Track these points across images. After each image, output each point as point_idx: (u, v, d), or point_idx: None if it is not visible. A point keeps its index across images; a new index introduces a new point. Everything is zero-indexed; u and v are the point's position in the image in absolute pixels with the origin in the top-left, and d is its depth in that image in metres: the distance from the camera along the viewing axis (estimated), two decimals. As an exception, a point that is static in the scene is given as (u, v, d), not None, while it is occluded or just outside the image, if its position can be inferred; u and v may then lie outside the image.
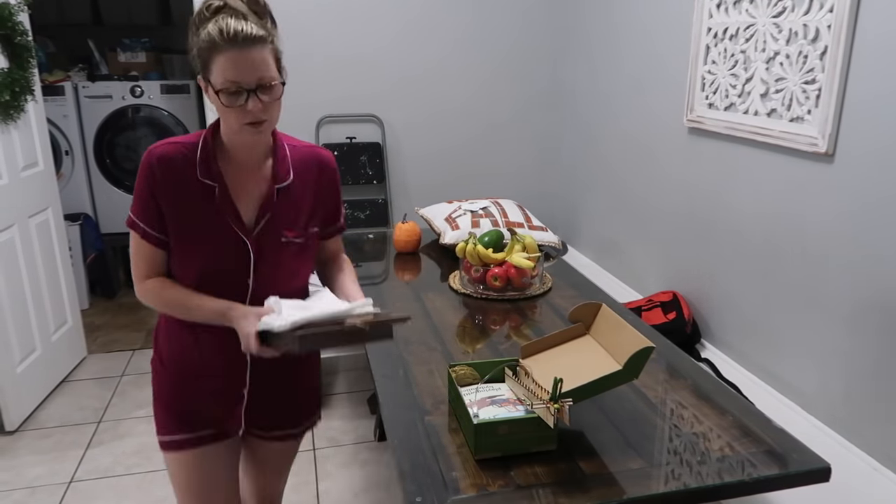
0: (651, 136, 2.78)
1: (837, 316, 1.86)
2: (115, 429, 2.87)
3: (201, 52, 1.28)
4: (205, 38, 1.26)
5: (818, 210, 1.91)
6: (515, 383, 1.43)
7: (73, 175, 4.08)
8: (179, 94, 4.17)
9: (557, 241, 2.68)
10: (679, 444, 1.37)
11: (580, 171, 3.52)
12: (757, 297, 2.18)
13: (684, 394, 1.56)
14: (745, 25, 2.15)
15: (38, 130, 3.08)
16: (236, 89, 1.26)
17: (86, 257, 4.08)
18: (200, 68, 1.31)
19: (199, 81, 1.33)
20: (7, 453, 2.70)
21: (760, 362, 2.18)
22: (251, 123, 1.30)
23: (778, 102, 2.02)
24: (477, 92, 3.57)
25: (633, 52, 2.88)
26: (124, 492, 2.47)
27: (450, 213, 2.70)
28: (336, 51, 3.36)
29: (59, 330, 3.24)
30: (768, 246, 2.11)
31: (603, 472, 1.27)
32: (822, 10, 1.83)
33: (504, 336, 1.91)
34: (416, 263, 2.57)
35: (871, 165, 1.72)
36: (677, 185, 2.60)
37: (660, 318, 2.47)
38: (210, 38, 1.25)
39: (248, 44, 1.24)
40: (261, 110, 1.28)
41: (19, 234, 2.90)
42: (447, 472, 1.27)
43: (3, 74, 2.76)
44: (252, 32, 1.25)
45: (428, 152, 3.61)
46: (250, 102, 1.27)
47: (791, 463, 1.29)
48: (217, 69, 1.26)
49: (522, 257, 2.18)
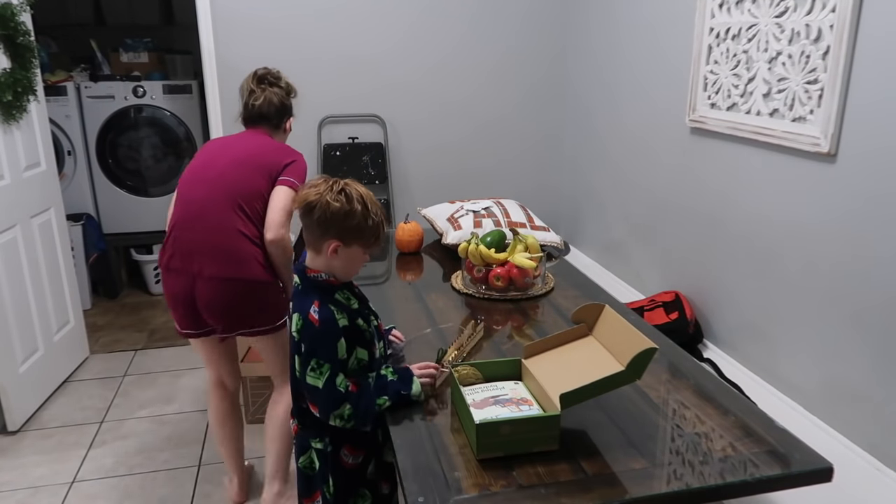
0: (653, 135, 2.77)
1: (840, 316, 1.86)
2: (117, 429, 2.88)
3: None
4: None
5: (820, 210, 1.90)
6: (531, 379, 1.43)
7: (76, 175, 4.09)
8: (182, 95, 4.17)
9: (560, 241, 2.68)
10: (681, 444, 1.37)
11: (582, 172, 3.51)
12: (759, 298, 2.18)
13: (686, 394, 1.56)
14: (747, 25, 2.14)
15: (40, 130, 3.08)
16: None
17: (88, 257, 4.09)
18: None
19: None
20: (10, 453, 2.71)
21: (762, 362, 2.18)
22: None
23: (780, 102, 2.02)
24: (479, 92, 3.57)
25: (636, 52, 2.88)
26: (127, 492, 2.48)
27: (452, 213, 2.70)
28: (338, 51, 3.37)
29: (62, 330, 3.24)
30: (770, 246, 2.11)
31: (605, 473, 1.27)
32: (824, 10, 1.83)
33: (507, 336, 1.91)
34: (418, 263, 2.57)
35: (873, 165, 1.72)
36: (679, 185, 2.60)
37: (662, 319, 2.47)
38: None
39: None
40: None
41: (22, 234, 2.91)
42: (449, 472, 1.27)
43: (6, 74, 2.77)
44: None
45: (430, 152, 3.62)
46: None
47: (793, 463, 1.29)
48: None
49: (525, 257, 2.18)
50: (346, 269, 1.50)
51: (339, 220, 1.42)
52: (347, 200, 1.42)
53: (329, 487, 1.56)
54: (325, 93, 3.35)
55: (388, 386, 1.48)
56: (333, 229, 1.44)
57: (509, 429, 1.29)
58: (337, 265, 1.48)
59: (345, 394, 1.44)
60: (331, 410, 1.44)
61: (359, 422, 1.46)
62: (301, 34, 3.31)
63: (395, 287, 2.34)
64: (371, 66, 3.42)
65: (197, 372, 3.34)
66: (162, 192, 4.26)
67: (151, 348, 3.63)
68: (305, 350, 1.44)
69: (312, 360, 1.43)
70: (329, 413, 1.44)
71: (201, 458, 2.67)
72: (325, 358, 1.43)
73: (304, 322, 1.45)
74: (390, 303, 2.13)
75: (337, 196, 1.42)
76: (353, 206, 1.42)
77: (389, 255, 2.68)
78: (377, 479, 1.63)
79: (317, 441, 1.56)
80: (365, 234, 1.46)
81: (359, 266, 1.52)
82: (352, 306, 1.51)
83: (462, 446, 1.35)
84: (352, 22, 3.34)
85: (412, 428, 1.42)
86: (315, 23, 3.31)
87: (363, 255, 1.50)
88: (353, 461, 1.56)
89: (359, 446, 1.56)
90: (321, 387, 1.43)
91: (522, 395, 1.45)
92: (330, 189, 1.43)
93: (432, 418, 1.46)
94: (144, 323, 3.97)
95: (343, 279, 1.51)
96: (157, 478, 2.55)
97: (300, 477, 1.64)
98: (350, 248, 1.46)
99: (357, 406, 1.44)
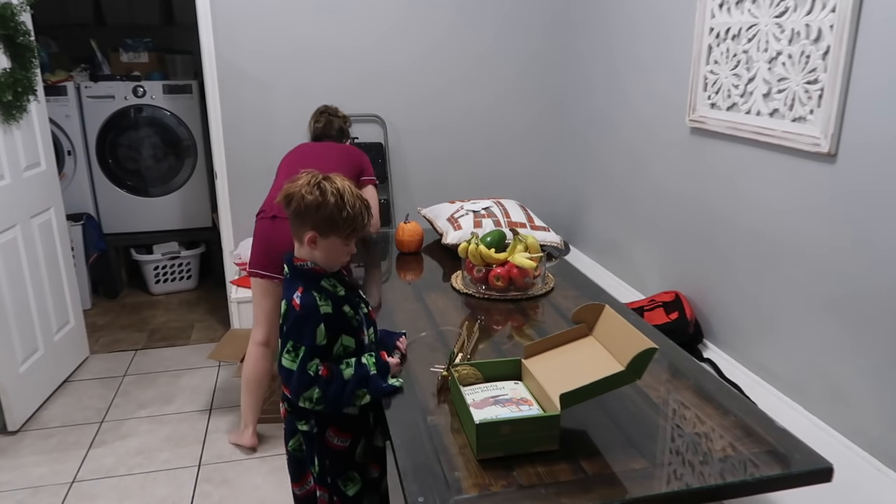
0: (653, 135, 2.77)
1: (840, 316, 1.86)
2: (117, 429, 2.88)
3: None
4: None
5: (820, 210, 1.90)
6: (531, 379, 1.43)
7: (76, 175, 4.08)
8: (182, 95, 4.17)
9: (560, 241, 2.68)
10: (681, 444, 1.37)
11: (582, 171, 3.51)
12: (759, 297, 2.18)
13: (686, 394, 1.56)
14: (747, 25, 2.14)
15: (40, 130, 3.08)
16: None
17: (88, 257, 4.08)
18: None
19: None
20: (10, 453, 2.71)
21: (762, 362, 2.18)
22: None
23: (780, 102, 2.02)
24: (479, 92, 3.57)
25: (636, 51, 2.88)
26: (127, 492, 2.48)
27: (452, 213, 2.70)
28: (339, 51, 3.37)
29: (62, 330, 3.24)
30: (771, 246, 2.11)
31: (605, 473, 1.27)
32: (824, 10, 1.83)
33: (507, 336, 1.91)
34: (418, 263, 2.57)
35: (873, 165, 1.72)
36: (679, 185, 2.60)
37: (662, 319, 2.47)
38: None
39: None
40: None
41: (22, 234, 2.91)
42: (449, 472, 1.27)
43: (6, 74, 2.77)
44: None
45: (430, 152, 3.62)
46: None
47: (793, 463, 1.29)
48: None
49: (525, 257, 2.18)
50: (328, 259, 1.55)
51: (312, 211, 1.49)
52: (321, 193, 1.48)
53: (315, 468, 1.61)
54: (325, 93, 3.35)
55: (369, 380, 1.53)
56: (309, 221, 1.50)
57: (509, 429, 1.29)
58: (318, 255, 1.54)
59: (313, 377, 1.49)
60: (300, 392, 1.50)
61: (328, 406, 1.51)
62: (301, 34, 3.31)
63: (395, 287, 2.35)
64: (372, 67, 3.42)
65: (197, 372, 3.34)
66: (162, 191, 4.26)
67: (151, 348, 3.63)
68: (285, 333, 1.51)
69: (289, 343, 1.49)
70: (298, 395, 1.50)
71: (201, 458, 2.67)
72: (301, 341, 1.48)
73: (288, 307, 1.52)
74: (390, 303, 2.13)
75: (312, 189, 1.49)
76: (326, 199, 1.48)
77: (389, 255, 2.68)
78: (366, 462, 1.67)
79: (302, 423, 1.60)
80: (339, 226, 1.51)
81: (341, 257, 1.57)
82: (338, 293, 1.56)
83: (462, 446, 1.35)
84: (352, 22, 3.34)
85: (412, 428, 1.42)
86: (315, 23, 3.31)
87: (343, 247, 1.55)
88: (339, 442, 1.60)
89: (344, 429, 1.60)
90: (294, 369, 1.48)
91: (522, 395, 1.45)
92: (307, 183, 1.50)
93: (432, 418, 1.46)
94: (144, 323, 3.97)
95: (328, 269, 1.56)
96: (156, 478, 2.55)
97: (291, 461, 1.70)
98: (327, 239, 1.52)
99: (326, 391, 1.50)
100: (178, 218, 4.32)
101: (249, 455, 2.67)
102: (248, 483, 2.51)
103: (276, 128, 3.39)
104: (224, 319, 3.82)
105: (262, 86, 3.34)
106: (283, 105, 3.38)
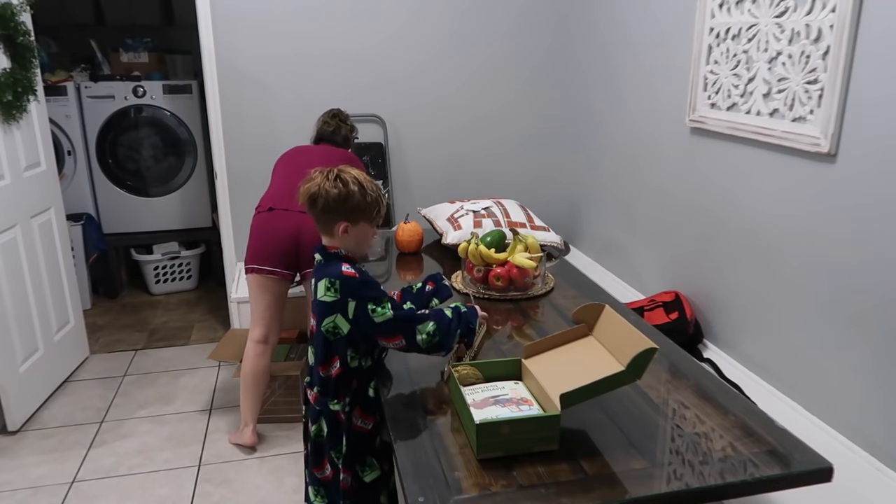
0: (653, 135, 2.77)
1: (840, 316, 1.86)
2: (117, 429, 2.88)
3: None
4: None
5: (820, 210, 1.90)
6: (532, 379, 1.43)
7: (76, 175, 4.08)
8: (182, 95, 4.17)
9: (560, 241, 2.68)
10: (681, 444, 1.37)
11: (583, 172, 3.51)
12: (759, 298, 2.18)
13: (686, 394, 1.56)
14: (747, 25, 2.14)
15: (40, 130, 3.08)
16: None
17: (88, 257, 4.08)
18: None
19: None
20: (9, 453, 2.71)
21: (762, 362, 2.18)
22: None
23: (780, 102, 2.02)
24: (480, 92, 3.57)
25: (636, 52, 2.88)
26: (127, 492, 2.47)
27: (452, 213, 2.70)
28: (338, 51, 3.37)
29: (62, 330, 3.24)
30: (770, 246, 2.11)
31: (605, 473, 1.27)
32: (824, 10, 1.83)
33: (507, 336, 1.91)
34: (418, 263, 2.57)
35: (873, 166, 1.72)
36: (679, 185, 2.60)
37: (662, 319, 2.47)
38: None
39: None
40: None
41: (22, 234, 2.91)
42: (449, 472, 1.27)
43: (6, 75, 2.77)
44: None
45: (430, 152, 3.62)
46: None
47: (793, 463, 1.29)
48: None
49: (525, 257, 2.18)
50: (360, 246, 1.64)
51: (341, 203, 1.56)
52: (344, 185, 1.56)
53: (341, 448, 1.63)
54: (325, 93, 3.35)
55: (461, 316, 1.62)
56: (339, 213, 1.57)
57: (509, 429, 1.29)
58: (350, 244, 1.61)
59: (413, 314, 1.59)
60: (415, 325, 1.54)
61: (443, 337, 1.57)
62: (301, 34, 3.31)
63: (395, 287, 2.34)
64: (372, 66, 3.42)
65: (197, 372, 3.34)
66: (162, 192, 4.26)
67: (151, 348, 3.63)
68: (357, 301, 1.53)
69: (369, 304, 1.52)
70: (414, 328, 1.54)
71: (201, 458, 2.67)
72: (379, 295, 1.54)
73: (341, 279, 1.53)
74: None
75: (334, 183, 1.55)
76: (350, 189, 1.56)
77: (389, 255, 2.68)
78: (381, 454, 1.70)
79: (335, 403, 1.62)
80: (367, 211, 1.59)
81: (370, 241, 1.66)
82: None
83: (462, 446, 1.35)
84: (351, 21, 3.34)
85: (412, 428, 1.42)
86: (315, 22, 3.31)
87: (372, 230, 1.64)
88: (362, 424, 1.63)
89: (368, 412, 1.63)
90: (391, 316, 1.53)
91: (522, 395, 1.45)
92: (326, 179, 1.56)
93: (432, 418, 1.46)
94: (144, 323, 3.97)
95: (358, 256, 1.64)
96: (156, 478, 2.55)
97: (312, 447, 1.72)
98: (357, 225, 1.59)
99: (439, 322, 1.57)
100: (178, 218, 4.32)
101: (249, 455, 2.67)
102: (248, 483, 2.51)
103: (275, 128, 3.39)
104: (224, 319, 3.82)
105: (262, 86, 3.34)
106: (283, 105, 3.38)
